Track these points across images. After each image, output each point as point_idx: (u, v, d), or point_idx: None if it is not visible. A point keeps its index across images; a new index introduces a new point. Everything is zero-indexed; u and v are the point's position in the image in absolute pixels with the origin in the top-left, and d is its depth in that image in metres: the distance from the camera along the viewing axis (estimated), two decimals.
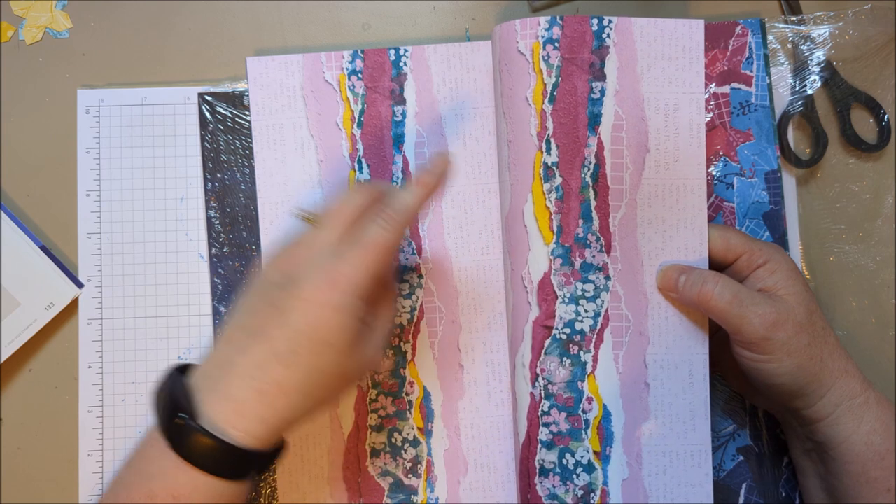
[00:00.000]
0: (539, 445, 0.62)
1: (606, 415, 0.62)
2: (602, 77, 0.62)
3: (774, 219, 0.68)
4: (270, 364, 0.48)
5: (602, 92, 0.62)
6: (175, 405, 0.48)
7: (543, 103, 0.62)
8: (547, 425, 0.62)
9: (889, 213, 0.69)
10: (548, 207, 0.62)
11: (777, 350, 0.57)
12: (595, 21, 0.62)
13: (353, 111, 0.66)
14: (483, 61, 0.67)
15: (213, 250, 0.68)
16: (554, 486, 0.62)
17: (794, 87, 0.69)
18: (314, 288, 0.48)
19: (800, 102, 0.68)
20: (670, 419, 0.62)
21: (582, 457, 0.62)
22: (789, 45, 0.69)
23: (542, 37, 0.62)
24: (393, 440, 0.66)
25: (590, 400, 0.62)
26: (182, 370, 0.51)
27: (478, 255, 0.66)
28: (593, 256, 0.62)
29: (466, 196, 0.66)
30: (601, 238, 0.62)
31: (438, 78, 0.67)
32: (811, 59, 0.69)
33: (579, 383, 0.62)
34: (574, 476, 0.62)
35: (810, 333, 0.58)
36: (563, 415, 0.62)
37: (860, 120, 0.69)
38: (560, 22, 0.62)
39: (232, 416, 0.47)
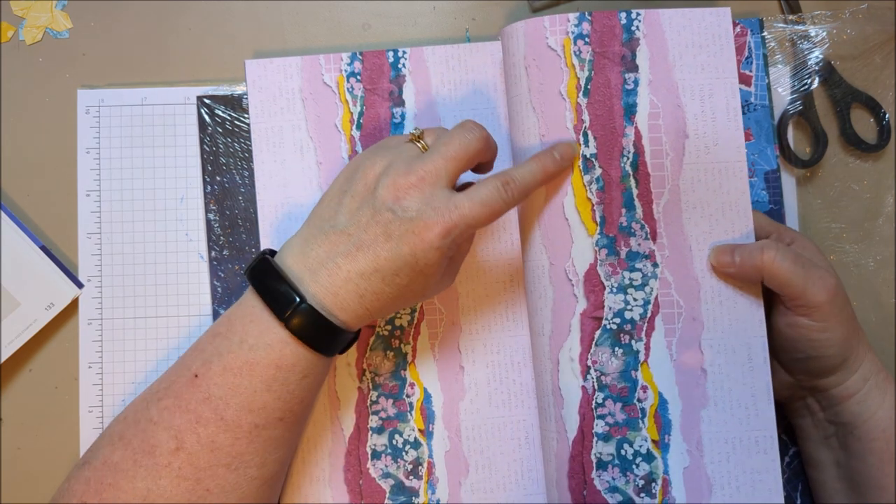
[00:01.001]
0: (595, 439, 0.62)
1: (662, 402, 0.62)
2: (634, 68, 0.63)
3: (774, 218, 0.67)
4: (374, 278, 0.54)
5: (636, 82, 0.63)
6: (285, 289, 0.54)
7: (578, 97, 0.62)
8: (602, 417, 0.62)
9: (889, 213, 0.69)
10: (589, 199, 0.62)
11: (833, 317, 0.58)
12: (623, 15, 0.63)
13: (351, 113, 0.66)
14: (481, 62, 0.67)
15: (213, 253, 0.68)
16: (613, 479, 0.61)
17: (794, 86, 0.69)
18: (427, 229, 0.53)
19: (799, 102, 0.68)
20: (731, 405, 0.62)
21: (640, 446, 0.62)
22: (788, 45, 0.69)
23: (572, 32, 0.62)
24: (394, 442, 0.66)
25: (644, 388, 0.62)
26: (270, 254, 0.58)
27: (478, 256, 0.66)
28: (639, 244, 0.62)
29: None
30: (646, 226, 0.62)
31: (437, 79, 0.67)
32: (810, 59, 0.68)
33: (633, 372, 0.62)
34: (634, 466, 0.61)
35: (850, 306, 0.60)
36: (619, 405, 0.62)
37: (860, 119, 0.69)
38: (589, 18, 0.62)
39: (334, 307, 0.54)
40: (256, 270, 0.56)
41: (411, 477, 0.65)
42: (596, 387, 0.62)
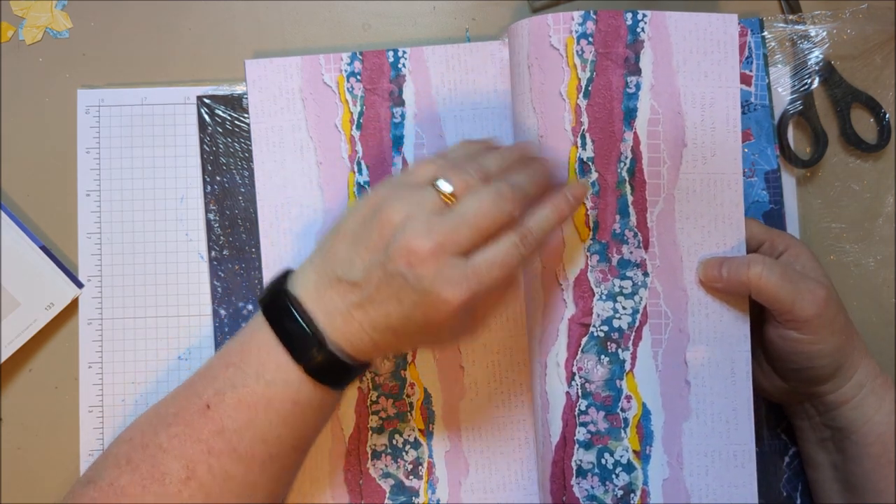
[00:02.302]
0: (576, 446, 0.61)
1: (646, 413, 0.62)
2: (637, 71, 0.62)
3: (774, 218, 0.68)
4: (386, 333, 0.53)
5: (637, 86, 0.62)
6: (304, 333, 0.53)
7: (578, 98, 0.61)
8: (584, 425, 0.61)
9: (889, 212, 0.69)
10: (584, 203, 0.61)
11: (824, 329, 0.57)
12: (629, 15, 0.62)
13: (351, 113, 0.66)
14: (482, 62, 0.66)
15: (213, 253, 0.68)
16: (593, 487, 0.61)
17: (794, 86, 0.69)
18: (442, 302, 0.50)
19: (799, 102, 0.68)
20: (712, 418, 0.61)
21: (621, 456, 0.61)
22: (788, 45, 0.69)
23: (576, 31, 0.61)
24: (394, 442, 0.66)
25: (629, 398, 0.62)
26: (283, 281, 0.56)
27: None
28: (631, 252, 0.62)
29: None
30: (639, 234, 0.62)
31: (437, 79, 0.66)
32: (810, 59, 0.68)
33: (618, 381, 0.62)
34: (613, 476, 0.61)
35: (844, 314, 0.59)
36: (602, 413, 0.61)
37: (860, 119, 0.69)
38: (594, 17, 0.61)
39: (350, 350, 0.53)
40: (273, 307, 0.54)
41: (411, 477, 0.65)
42: (580, 394, 0.62)
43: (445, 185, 0.52)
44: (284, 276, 0.56)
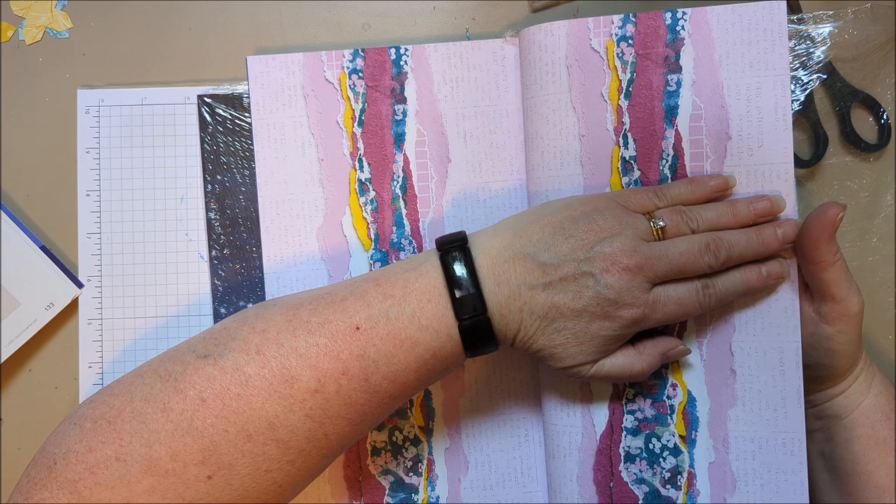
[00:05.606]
0: (623, 433, 0.63)
1: (691, 400, 0.63)
2: (678, 69, 0.62)
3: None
4: (537, 320, 0.55)
5: (678, 84, 0.62)
6: (474, 294, 0.54)
7: (619, 99, 0.62)
8: (632, 412, 0.63)
9: (888, 212, 0.69)
10: None
11: (857, 328, 0.59)
12: (668, 15, 0.62)
13: (353, 110, 0.66)
14: (483, 59, 0.66)
15: (214, 252, 0.68)
16: (641, 471, 0.63)
17: (794, 86, 0.69)
18: (617, 316, 0.54)
19: (799, 102, 0.68)
20: (759, 406, 0.62)
21: (668, 441, 0.63)
22: (789, 45, 0.69)
23: (616, 34, 0.62)
24: (394, 439, 0.66)
25: (674, 386, 0.63)
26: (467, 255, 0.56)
27: None
28: None
29: (467, 195, 0.66)
30: None
31: (439, 77, 0.66)
32: (810, 59, 0.69)
33: (663, 370, 0.63)
34: (661, 459, 0.63)
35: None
36: (649, 401, 0.63)
37: (860, 119, 0.69)
38: (633, 19, 0.62)
39: (496, 324, 0.55)
40: (451, 256, 0.55)
41: (411, 474, 0.65)
42: (627, 383, 0.63)
43: (660, 222, 0.56)
44: (463, 235, 0.57)
